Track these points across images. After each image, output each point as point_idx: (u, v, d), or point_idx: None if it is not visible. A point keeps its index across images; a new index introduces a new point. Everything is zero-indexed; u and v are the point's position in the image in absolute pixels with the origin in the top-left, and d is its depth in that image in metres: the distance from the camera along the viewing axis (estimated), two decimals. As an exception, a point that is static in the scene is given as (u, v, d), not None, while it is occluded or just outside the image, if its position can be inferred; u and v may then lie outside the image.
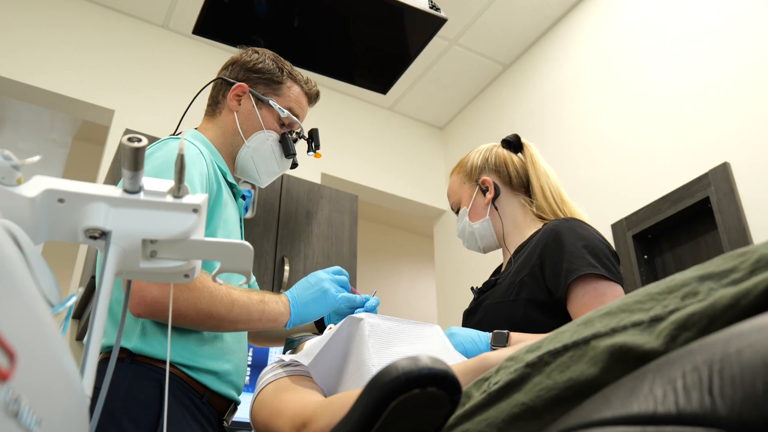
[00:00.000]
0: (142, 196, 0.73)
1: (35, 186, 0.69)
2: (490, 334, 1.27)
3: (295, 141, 1.52)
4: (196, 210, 0.74)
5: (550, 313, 1.32)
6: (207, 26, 2.99)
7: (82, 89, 2.95)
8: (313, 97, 1.55)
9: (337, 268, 1.37)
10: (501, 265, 1.61)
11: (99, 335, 0.68)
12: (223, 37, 3.01)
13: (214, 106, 1.50)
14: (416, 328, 1.12)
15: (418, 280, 5.01)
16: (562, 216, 1.48)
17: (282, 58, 1.53)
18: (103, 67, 3.05)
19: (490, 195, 1.53)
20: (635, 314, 0.60)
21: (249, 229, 2.54)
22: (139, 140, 0.70)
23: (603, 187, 2.80)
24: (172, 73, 3.23)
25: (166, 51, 3.27)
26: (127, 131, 2.50)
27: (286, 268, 2.58)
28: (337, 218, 2.85)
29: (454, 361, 1.03)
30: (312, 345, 1.08)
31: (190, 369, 1.19)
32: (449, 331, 1.30)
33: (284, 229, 2.67)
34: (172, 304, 1.11)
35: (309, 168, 3.31)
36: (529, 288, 1.35)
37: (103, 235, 0.72)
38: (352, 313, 1.45)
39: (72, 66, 2.97)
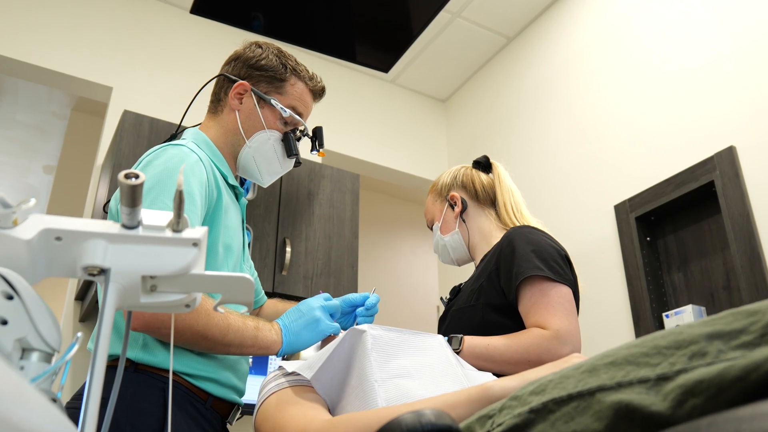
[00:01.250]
0: (140, 231, 0.72)
1: (31, 227, 0.68)
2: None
3: (298, 139, 1.49)
4: (195, 244, 0.73)
5: (506, 315, 1.43)
6: (205, 5, 2.93)
7: (80, 66, 2.90)
8: (318, 93, 1.51)
9: (326, 294, 1.36)
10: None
11: (101, 372, 0.68)
12: (221, 16, 2.96)
13: (216, 103, 1.47)
14: (418, 339, 1.12)
15: (419, 250, 5.00)
16: (519, 224, 1.60)
17: (286, 53, 1.49)
18: (101, 43, 3.00)
19: (458, 209, 1.67)
20: (641, 369, 0.59)
21: (250, 210, 2.53)
22: (137, 177, 0.68)
23: (607, 168, 2.77)
24: (171, 49, 3.17)
25: (165, 27, 3.20)
26: (126, 113, 2.47)
27: (288, 249, 2.58)
28: (338, 198, 2.83)
29: (455, 376, 1.03)
30: (314, 357, 1.08)
31: (191, 377, 1.20)
32: None
33: (285, 210, 2.66)
34: (170, 321, 1.11)
35: (308, 146, 3.28)
36: (487, 293, 1.46)
37: (102, 272, 0.71)
38: (354, 311, 1.46)
39: (69, 43, 2.92)
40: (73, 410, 1.17)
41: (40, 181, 5.31)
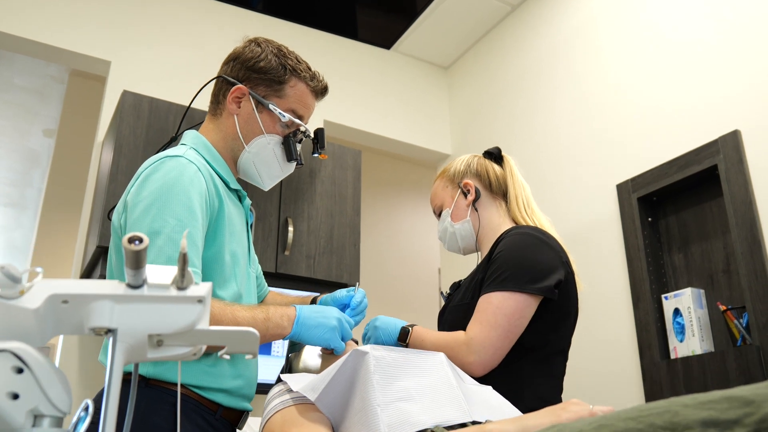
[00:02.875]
0: (145, 290, 0.73)
1: (38, 295, 0.69)
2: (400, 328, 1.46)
3: (299, 141, 1.48)
4: (200, 301, 0.74)
5: None
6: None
7: (77, 41, 2.86)
8: (320, 93, 1.49)
9: (351, 321, 1.37)
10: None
11: (112, 425, 0.70)
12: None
13: (215, 105, 1.45)
14: (420, 358, 1.14)
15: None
16: (529, 221, 1.62)
17: (286, 51, 1.45)
18: (98, 17, 2.94)
19: (471, 197, 1.65)
20: None
21: (252, 190, 2.53)
22: (141, 240, 0.69)
23: (610, 146, 2.75)
24: (169, 25, 3.11)
25: (164, 1, 3.15)
26: (125, 93, 2.44)
27: (290, 229, 2.59)
28: (340, 175, 2.83)
29: (455, 400, 1.05)
30: (318, 378, 1.10)
31: (201, 389, 1.22)
32: (373, 323, 1.48)
33: (287, 189, 2.66)
34: None
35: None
36: (479, 291, 1.47)
37: (110, 331, 0.72)
38: (342, 309, 1.49)
39: (66, 17, 2.87)
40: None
41: (41, 144, 5.28)
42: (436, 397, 1.05)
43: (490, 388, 1.21)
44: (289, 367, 1.41)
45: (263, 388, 2.05)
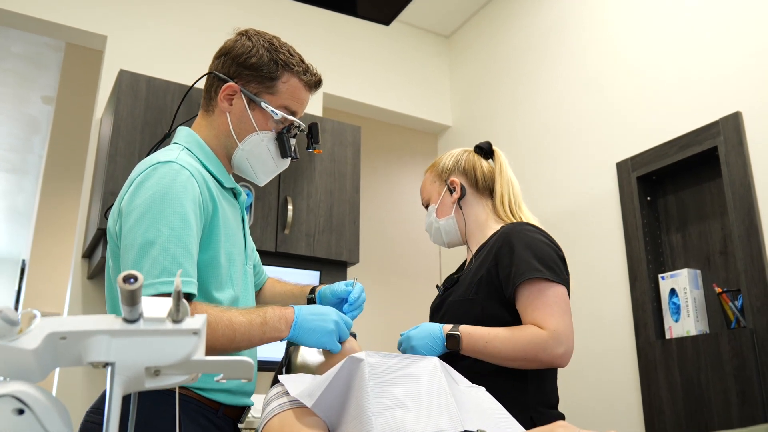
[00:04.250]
0: (141, 324, 0.74)
1: (36, 334, 0.70)
2: (444, 334, 1.46)
3: (293, 136, 1.47)
4: (196, 333, 0.76)
5: (505, 308, 1.51)
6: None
7: (73, 15, 2.82)
8: (313, 86, 1.47)
9: (349, 321, 1.37)
10: (465, 261, 1.76)
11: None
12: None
13: (208, 101, 1.44)
14: (414, 364, 1.16)
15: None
16: (515, 219, 1.64)
17: (278, 44, 1.43)
18: (92, -11, 2.90)
19: (456, 195, 1.68)
20: None
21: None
22: (135, 279, 0.70)
23: (611, 123, 2.74)
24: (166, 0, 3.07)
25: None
26: (122, 72, 2.42)
27: (290, 207, 2.60)
28: (339, 152, 2.82)
29: (448, 408, 1.07)
30: (314, 385, 1.12)
31: (202, 390, 1.25)
32: (408, 342, 1.47)
33: (286, 167, 2.65)
34: None
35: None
36: (486, 287, 1.52)
37: (108, 364, 0.74)
38: (339, 304, 1.51)
39: (59, -11, 2.83)
40: (92, 425, 1.23)
41: (40, 111, 5.27)
42: (430, 405, 1.07)
43: (483, 389, 1.23)
44: (288, 361, 1.43)
45: (264, 366, 2.09)
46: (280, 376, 1.23)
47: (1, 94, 5.02)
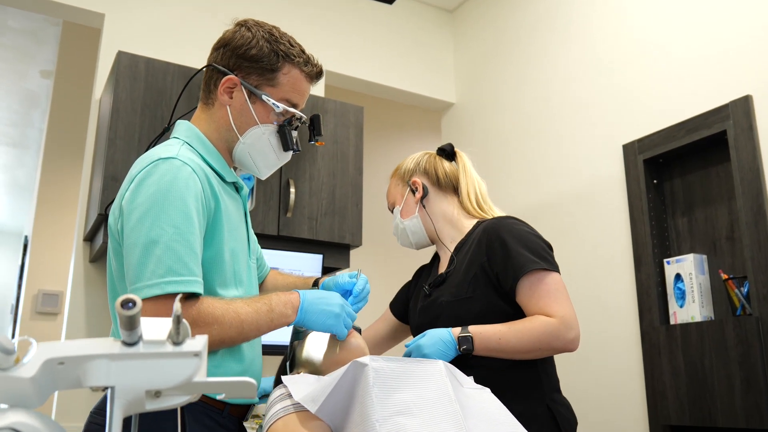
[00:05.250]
0: (141, 347, 0.73)
1: (34, 362, 0.68)
2: (456, 338, 1.47)
3: (295, 129, 1.44)
4: (197, 354, 0.74)
5: (506, 301, 1.54)
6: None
7: (69, -7, 2.76)
8: (314, 77, 1.44)
9: (350, 309, 1.37)
10: (435, 256, 1.80)
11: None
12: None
13: (207, 93, 1.41)
14: (419, 367, 1.15)
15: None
16: (487, 215, 1.68)
17: (279, 35, 1.39)
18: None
19: (418, 194, 1.72)
20: None
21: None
22: (134, 304, 0.69)
23: (619, 104, 2.69)
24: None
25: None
26: (120, 53, 2.38)
27: (292, 190, 2.57)
28: (342, 133, 2.78)
29: (453, 415, 1.06)
30: (318, 389, 1.11)
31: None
32: (419, 351, 1.47)
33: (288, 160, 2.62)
34: None
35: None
36: (483, 283, 1.54)
37: (107, 387, 0.73)
38: (343, 296, 1.50)
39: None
40: (96, 426, 1.23)
41: (39, 85, 5.22)
42: (435, 412, 1.06)
43: (488, 390, 1.23)
44: (292, 356, 1.42)
45: (268, 350, 2.08)
46: (283, 377, 1.22)
47: (0, 69, 4.97)
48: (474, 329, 1.47)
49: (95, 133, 2.65)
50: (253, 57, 1.36)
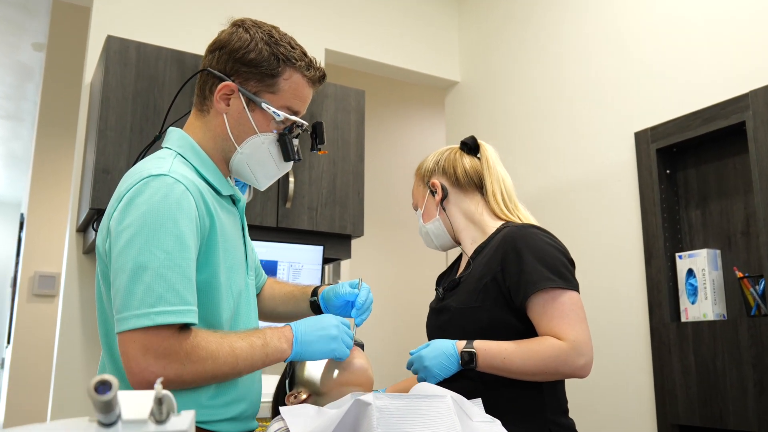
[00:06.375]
0: (120, 428, 0.65)
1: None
2: (459, 352, 1.40)
3: (296, 136, 1.35)
4: (183, 433, 0.67)
5: (514, 315, 1.45)
6: None
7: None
8: (317, 82, 1.34)
9: (345, 320, 1.30)
10: (459, 258, 1.72)
11: None
12: None
13: (202, 99, 1.31)
14: (426, 404, 1.08)
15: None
16: (513, 217, 1.59)
17: (278, 37, 1.28)
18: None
19: (438, 196, 1.63)
20: None
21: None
22: (110, 388, 0.61)
23: (632, 90, 2.58)
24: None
25: None
26: (110, 38, 2.27)
27: (291, 180, 2.48)
28: (342, 119, 2.68)
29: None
30: (317, 428, 1.05)
31: (206, 423, 1.18)
32: (421, 362, 1.42)
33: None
34: (176, 378, 1.07)
35: (311, 46, 3.05)
36: (493, 295, 1.46)
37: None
38: (345, 307, 1.43)
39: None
40: None
41: (31, 58, 5.10)
42: (443, 456, 1.00)
43: (498, 423, 1.16)
44: (291, 374, 1.36)
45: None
46: (281, 409, 1.15)
47: (-8, 41, 4.84)
48: (479, 345, 1.40)
49: (86, 121, 2.55)
50: (251, 61, 1.26)
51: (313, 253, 2.52)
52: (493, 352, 1.39)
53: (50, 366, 2.73)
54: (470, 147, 1.67)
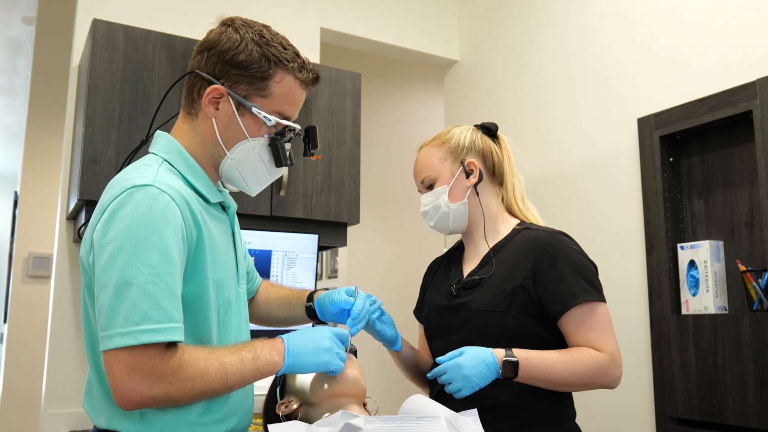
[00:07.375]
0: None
1: None
2: (500, 362, 1.32)
3: (289, 140, 1.30)
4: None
5: (541, 323, 1.43)
6: None
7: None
8: (310, 84, 1.28)
9: (342, 332, 1.26)
10: (459, 250, 1.64)
11: None
12: None
13: (190, 102, 1.25)
14: (419, 426, 1.04)
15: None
16: (528, 216, 1.57)
17: (269, 37, 1.22)
18: None
19: (474, 179, 1.53)
20: None
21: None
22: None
23: (636, 75, 2.51)
24: None
25: None
26: (96, 22, 2.19)
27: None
28: (338, 102, 2.61)
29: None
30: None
31: None
32: (458, 370, 1.29)
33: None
34: (164, 397, 1.04)
35: (305, 25, 2.97)
36: (522, 301, 1.42)
37: None
38: (341, 314, 1.40)
39: None
40: None
41: (21, 32, 5.00)
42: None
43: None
44: (283, 382, 1.33)
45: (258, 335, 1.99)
46: (270, 427, 1.12)
47: (-20, 16, 4.73)
48: (521, 354, 1.33)
49: (74, 106, 2.48)
50: (241, 63, 1.20)
51: (308, 241, 2.47)
52: (535, 362, 1.33)
53: (45, 346, 2.71)
54: (492, 133, 1.59)
